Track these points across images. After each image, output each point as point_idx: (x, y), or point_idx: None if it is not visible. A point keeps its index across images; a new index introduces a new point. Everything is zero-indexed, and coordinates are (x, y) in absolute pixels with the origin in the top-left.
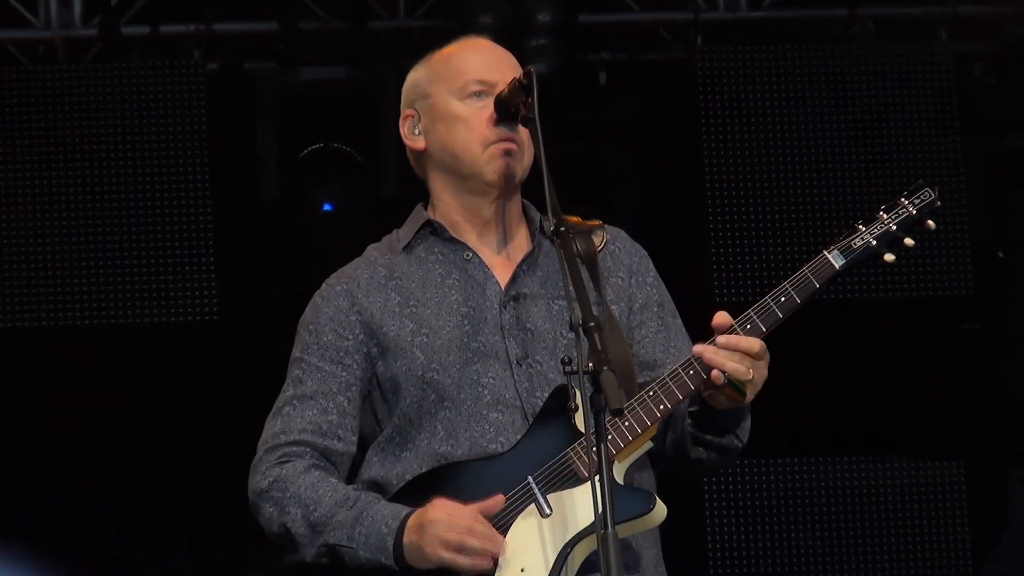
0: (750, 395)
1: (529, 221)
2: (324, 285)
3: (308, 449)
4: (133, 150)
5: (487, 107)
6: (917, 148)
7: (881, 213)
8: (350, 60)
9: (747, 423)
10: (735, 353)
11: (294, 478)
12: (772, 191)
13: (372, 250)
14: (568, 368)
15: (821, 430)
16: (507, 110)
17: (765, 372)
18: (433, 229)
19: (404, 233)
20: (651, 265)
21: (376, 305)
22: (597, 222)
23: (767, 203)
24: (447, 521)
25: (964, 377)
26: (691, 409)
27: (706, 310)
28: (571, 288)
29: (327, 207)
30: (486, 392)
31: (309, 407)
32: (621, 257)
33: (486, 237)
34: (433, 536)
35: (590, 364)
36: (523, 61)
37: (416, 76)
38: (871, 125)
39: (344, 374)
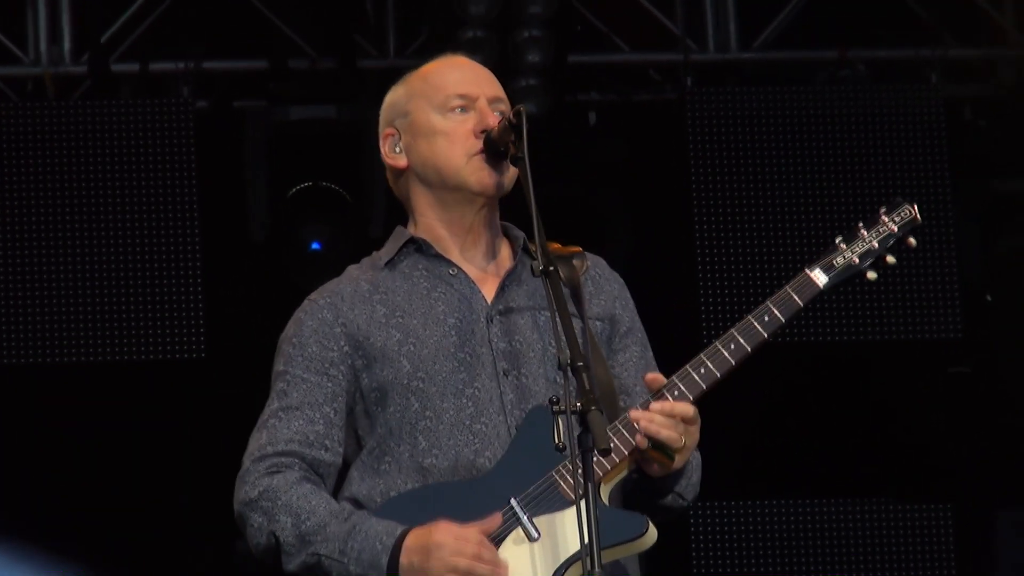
0: (679, 461)
1: (512, 239)
2: (306, 301)
3: (296, 460)
4: (122, 187)
5: (468, 120)
6: (907, 190)
7: (862, 230)
8: (340, 99)
9: (692, 479)
10: (669, 419)
11: (285, 488)
12: (761, 232)
13: (353, 269)
14: (556, 407)
15: (810, 472)
16: (496, 149)
17: (697, 436)
18: (417, 246)
19: (386, 251)
20: (629, 294)
21: (361, 317)
22: (577, 248)
23: (756, 243)
24: (454, 546)
25: (953, 420)
26: (632, 473)
27: (693, 350)
28: (560, 327)
29: (315, 246)
30: (470, 403)
31: (295, 418)
32: (602, 283)
33: (470, 252)
34: (440, 561)
35: (578, 404)
36: (513, 101)
37: (395, 95)
38: (861, 167)
39: (330, 384)
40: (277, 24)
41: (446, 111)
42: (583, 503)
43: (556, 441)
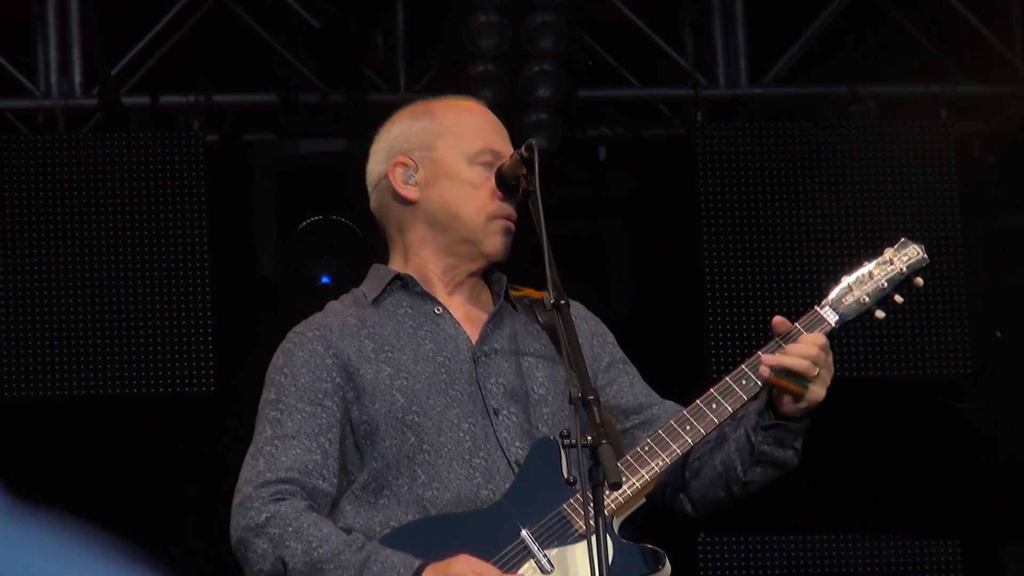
0: (817, 392)
1: (491, 283)
2: (291, 334)
3: (298, 488)
4: (131, 220)
5: (492, 178)
6: (916, 226)
7: (869, 268)
8: (349, 133)
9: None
10: (800, 346)
11: (295, 516)
12: (770, 266)
13: (335, 304)
14: (567, 441)
15: (817, 508)
16: (507, 183)
17: (831, 370)
18: (403, 283)
19: (370, 287)
20: (609, 331)
21: (351, 349)
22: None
23: (765, 278)
24: None
25: (961, 456)
26: (761, 424)
27: (701, 385)
28: (570, 360)
29: (325, 280)
30: (467, 438)
31: (292, 446)
32: (579, 323)
33: (453, 295)
34: None
35: (588, 437)
36: (523, 135)
37: (416, 126)
38: (871, 203)
39: (324, 415)
40: (287, 58)
41: (476, 163)
42: (596, 537)
43: (566, 475)
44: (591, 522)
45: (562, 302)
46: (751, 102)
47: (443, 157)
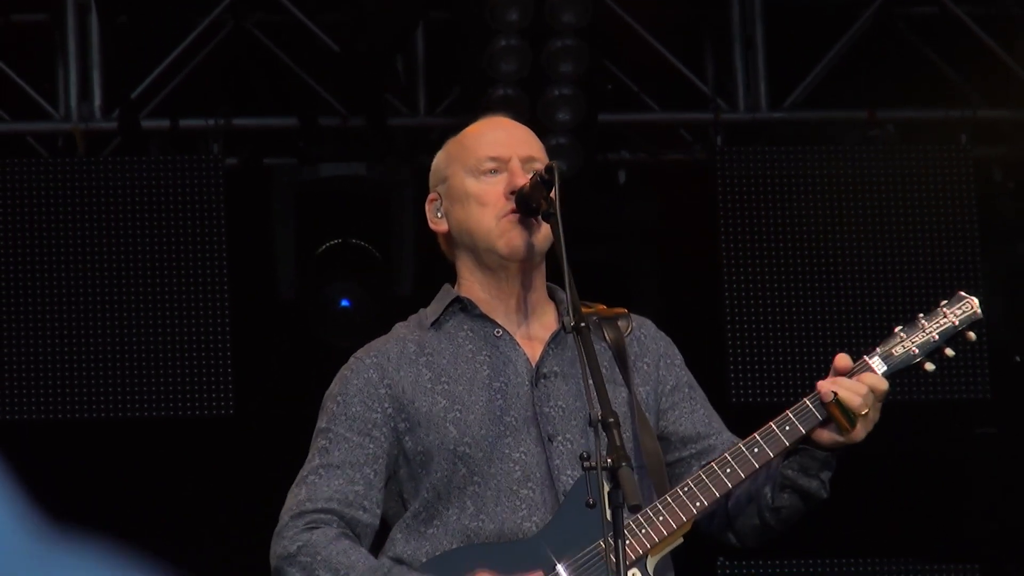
0: (860, 432)
1: (557, 302)
2: (352, 359)
3: (335, 518)
4: (151, 243)
5: (499, 182)
6: (936, 250)
7: (922, 320)
8: (369, 157)
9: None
10: (857, 384)
11: (325, 544)
12: (790, 292)
13: (400, 327)
14: (586, 464)
15: (838, 531)
16: (528, 206)
17: (877, 415)
18: (463, 306)
19: (432, 310)
20: (678, 352)
21: (407, 380)
22: (623, 310)
23: (785, 304)
24: None
25: (981, 480)
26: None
27: (720, 410)
28: (591, 383)
29: (344, 303)
30: (517, 468)
31: (336, 476)
32: (647, 343)
33: (513, 315)
34: None
35: (609, 460)
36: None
37: (437, 161)
38: (890, 227)
39: (372, 446)
40: (307, 82)
41: (479, 174)
42: (621, 556)
43: (587, 499)
44: (611, 542)
45: (582, 324)
46: (771, 127)
47: (453, 183)
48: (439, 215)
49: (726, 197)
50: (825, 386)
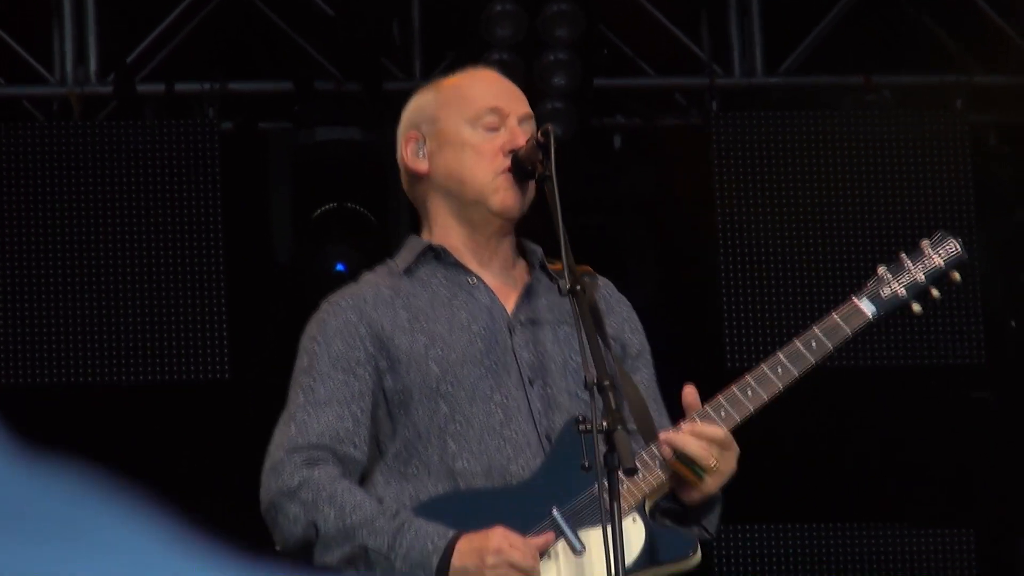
0: (713, 484)
1: (528, 253)
2: (326, 303)
3: (329, 455)
4: (146, 208)
5: (498, 138)
6: (931, 215)
7: (907, 261)
8: (365, 121)
9: (716, 514)
10: (699, 440)
11: (328, 482)
12: (786, 256)
13: (369, 275)
14: (582, 427)
15: (831, 496)
16: (524, 168)
17: (732, 463)
18: (436, 253)
19: (403, 259)
20: (637, 316)
21: (386, 319)
22: (587, 268)
23: (781, 268)
24: (511, 555)
25: (975, 445)
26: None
27: (717, 377)
28: (587, 347)
29: (340, 267)
30: (499, 410)
31: (324, 413)
32: (612, 304)
33: (486, 266)
34: (495, 569)
35: (604, 423)
36: (538, 124)
37: (423, 100)
38: (886, 193)
39: (357, 384)
40: (303, 46)
41: (477, 125)
42: (617, 520)
43: (583, 460)
44: (606, 508)
45: (578, 288)
46: (767, 92)
47: (446, 126)
48: (420, 155)
49: (721, 162)
50: (667, 443)
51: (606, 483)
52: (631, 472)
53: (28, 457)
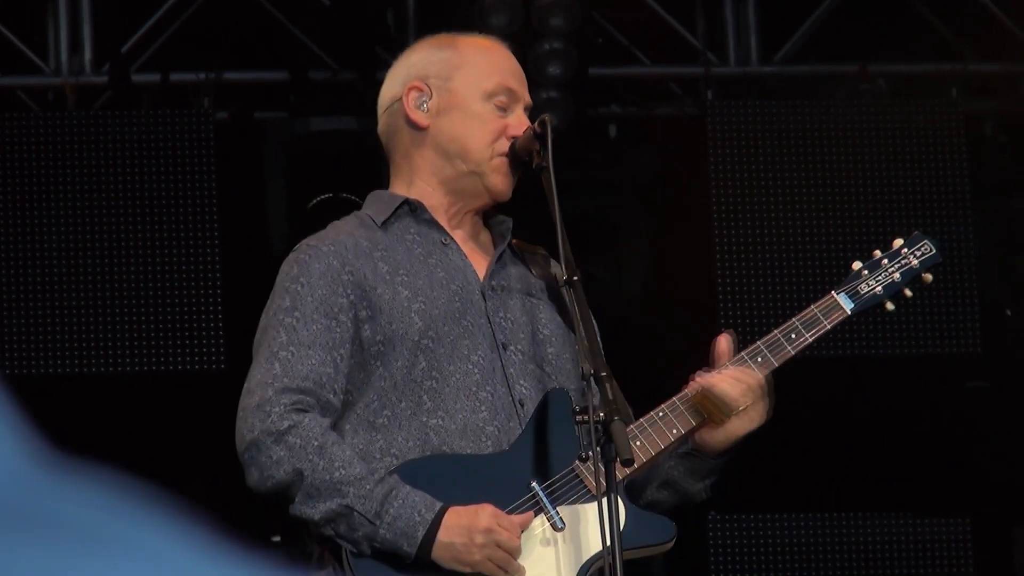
0: (737, 426)
1: (491, 227)
2: (304, 245)
3: (314, 400)
4: (141, 198)
5: (505, 119)
6: (927, 205)
7: (883, 260)
8: (360, 111)
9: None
10: (736, 381)
11: (319, 432)
12: (781, 246)
13: (341, 224)
14: (580, 418)
15: (827, 485)
16: (520, 158)
17: (762, 413)
18: (411, 209)
19: (377, 211)
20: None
21: (367, 268)
22: (541, 248)
23: (776, 257)
24: (498, 536)
25: (971, 434)
26: (679, 451)
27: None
28: (584, 338)
29: None
30: (475, 370)
31: (308, 355)
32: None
33: (458, 230)
34: (481, 548)
35: (601, 414)
36: (533, 114)
37: (439, 54)
38: (881, 182)
39: (339, 330)
40: (298, 36)
41: (491, 100)
42: (608, 508)
43: (581, 451)
44: (603, 498)
45: (575, 278)
46: (762, 81)
47: (459, 89)
48: (424, 108)
49: (716, 151)
50: (699, 382)
51: (604, 481)
52: (629, 463)
53: (55, 461)
